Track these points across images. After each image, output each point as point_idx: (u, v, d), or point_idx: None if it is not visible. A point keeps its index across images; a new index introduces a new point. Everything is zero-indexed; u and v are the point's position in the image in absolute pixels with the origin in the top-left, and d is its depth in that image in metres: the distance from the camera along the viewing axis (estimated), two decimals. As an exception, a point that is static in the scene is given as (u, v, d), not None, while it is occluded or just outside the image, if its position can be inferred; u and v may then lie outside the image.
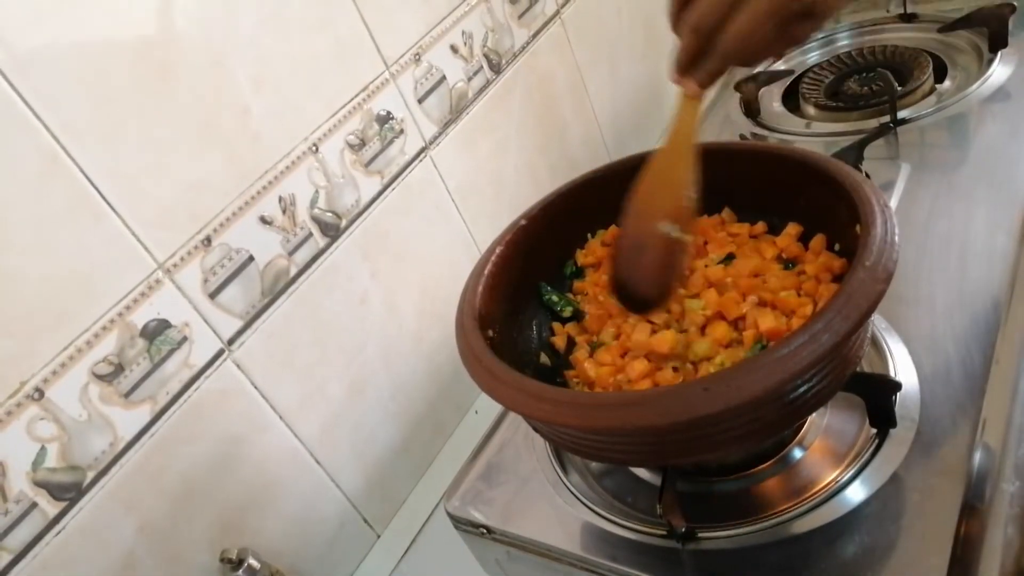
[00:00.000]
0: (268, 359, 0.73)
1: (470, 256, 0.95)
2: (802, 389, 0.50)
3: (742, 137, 1.03)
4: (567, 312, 0.69)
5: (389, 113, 0.84)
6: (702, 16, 0.49)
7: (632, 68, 1.24)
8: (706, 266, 0.65)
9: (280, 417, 0.75)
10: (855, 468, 0.58)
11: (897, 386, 0.59)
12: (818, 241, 0.62)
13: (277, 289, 0.74)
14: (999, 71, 0.93)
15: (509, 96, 0.99)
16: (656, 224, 0.57)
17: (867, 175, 0.62)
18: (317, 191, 0.77)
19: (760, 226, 0.67)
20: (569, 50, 1.09)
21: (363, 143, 0.81)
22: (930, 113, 0.92)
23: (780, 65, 1.15)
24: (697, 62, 0.51)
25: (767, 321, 0.57)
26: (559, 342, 0.67)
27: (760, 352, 0.46)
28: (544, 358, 0.67)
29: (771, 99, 1.08)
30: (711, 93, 0.54)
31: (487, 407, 0.91)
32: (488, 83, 0.96)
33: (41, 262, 0.57)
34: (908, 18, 1.11)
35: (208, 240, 0.68)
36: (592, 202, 0.70)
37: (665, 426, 0.47)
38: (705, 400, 0.45)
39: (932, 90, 0.97)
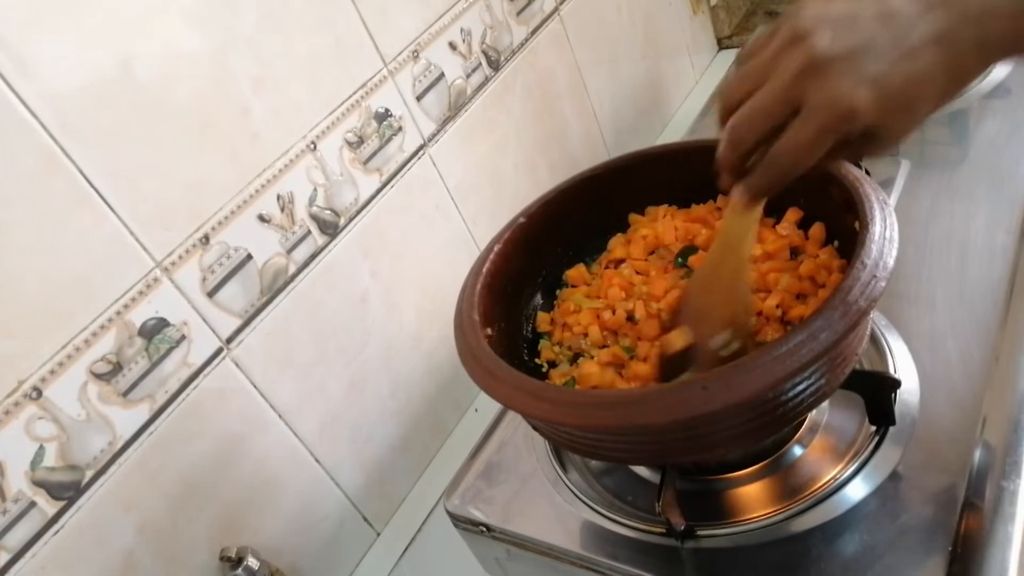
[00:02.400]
0: (267, 358, 0.73)
1: (469, 254, 0.95)
2: (801, 387, 0.50)
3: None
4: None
5: (387, 110, 0.83)
6: (746, 126, 0.45)
7: (632, 65, 1.23)
8: None
9: (279, 416, 0.75)
10: (855, 466, 0.58)
11: (897, 383, 0.59)
12: (818, 229, 0.61)
13: (276, 287, 0.74)
14: (999, 67, 0.93)
15: (508, 94, 0.99)
16: (708, 339, 0.54)
17: (867, 172, 0.61)
18: (316, 189, 0.76)
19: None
20: (568, 47, 1.09)
21: (361, 141, 0.81)
22: (930, 110, 0.92)
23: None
24: (743, 170, 0.47)
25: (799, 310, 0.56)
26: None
27: (759, 350, 0.46)
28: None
29: (771, 96, 1.08)
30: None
31: (486, 405, 0.91)
32: (487, 80, 0.96)
33: (39, 261, 0.57)
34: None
35: (206, 238, 0.68)
36: (592, 200, 0.70)
37: (664, 424, 0.47)
38: (704, 398, 0.45)
39: (932, 87, 0.96)
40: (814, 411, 0.63)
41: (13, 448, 0.57)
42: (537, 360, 0.66)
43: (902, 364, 0.64)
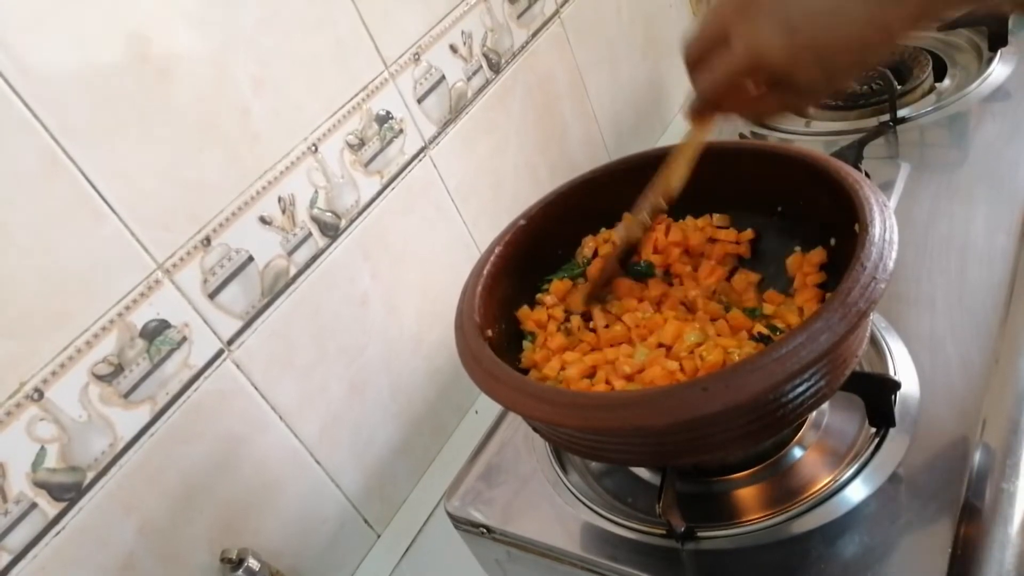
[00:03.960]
0: (268, 359, 0.73)
1: (470, 256, 0.95)
2: (801, 389, 0.50)
3: (741, 136, 1.03)
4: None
5: (388, 113, 0.83)
6: (688, 48, 0.51)
7: (632, 68, 1.24)
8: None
9: (280, 417, 0.75)
10: (855, 468, 0.58)
11: (897, 385, 0.59)
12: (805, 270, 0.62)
13: (277, 289, 0.74)
14: (999, 70, 0.93)
15: (509, 96, 0.99)
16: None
17: (867, 174, 0.62)
18: (316, 191, 0.77)
19: (748, 233, 0.67)
20: (568, 50, 1.09)
21: (362, 143, 0.81)
22: (930, 112, 0.92)
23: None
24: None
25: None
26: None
27: (759, 352, 0.46)
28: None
29: (771, 98, 1.08)
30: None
31: (487, 407, 0.91)
32: (487, 83, 0.96)
33: (40, 262, 0.57)
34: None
35: (207, 240, 0.68)
36: (592, 202, 0.71)
37: (664, 426, 0.48)
38: (704, 400, 0.45)
39: (932, 89, 0.97)
40: (814, 413, 0.63)
41: (14, 449, 0.57)
42: (519, 365, 0.65)
43: (902, 366, 0.64)
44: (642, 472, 0.66)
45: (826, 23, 0.43)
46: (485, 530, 0.67)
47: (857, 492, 0.57)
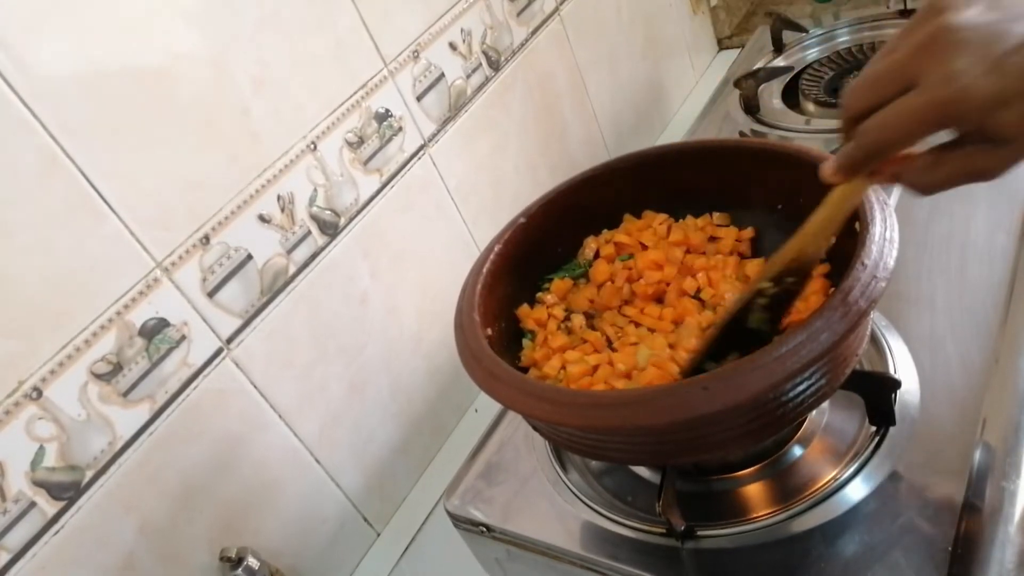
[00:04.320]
0: (267, 358, 0.73)
1: (469, 254, 0.95)
2: (801, 388, 0.50)
3: (741, 134, 1.03)
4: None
5: (388, 111, 0.83)
6: (855, 94, 0.43)
7: (632, 66, 1.23)
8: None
9: (279, 416, 0.75)
10: (855, 466, 0.58)
11: (897, 384, 0.59)
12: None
13: (276, 288, 0.74)
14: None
15: (508, 94, 0.99)
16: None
17: (867, 173, 0.62)
18: (316, 189, 0.76)
19: (749, 231, 0.67)
20: (568, 48, 1.09)
21: (362, 141, 0.81)
22: (930, 110, 0.92)
23: (780, 62, 1.15)
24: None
25: None
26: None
27: (759, 351, 0.46)
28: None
29: (771, 96, 1.08)
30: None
31: (487, 406, 0.91)
32: (487, 81, 0.96)
33: (40, 262, 0.57)
34: (908, 14, 1.11)
35: (206, 239, 0.68)
36: (592, 200, 0.70)
37: (664, 425, 0.47)
38: (704, 399, 0.45)
39: (932, 87, 0.96)
40: (814, 411, 0.63)
41: (13, 448, 0.57)
42: (519, 363, 0.65)
43: (902, 365, 0.64)
44: (642, 471, 0.66)
45: None
46: (485, 529, 0.67)
47: (857, 491, 0.57)
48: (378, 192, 0.83)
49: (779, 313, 0.54)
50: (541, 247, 0.69)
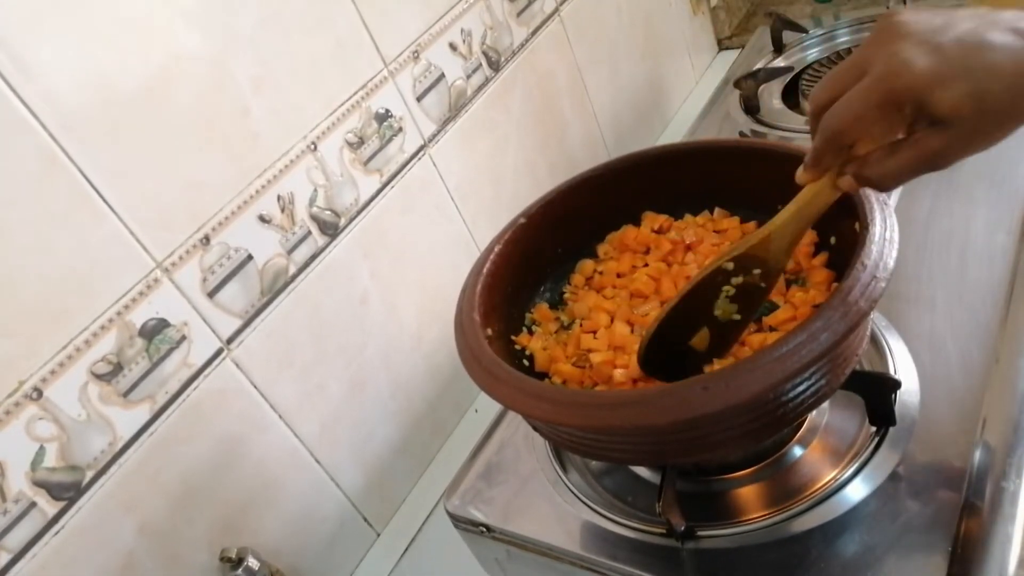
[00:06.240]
0: (267, 358, 0.73)
1: (469, 255, 0.95)
2: (801, 388, 0.50)
3: (741, 134, 1.03)
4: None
5: (388, 111, 0.83)
6: (819, 90, 0.45)
7: (632, 66, 1.23)
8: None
9: (279, 416, 0.75)
10: (855, 466, 0.58)
11: (897, 384, 0.59)
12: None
13: (276, 288, 0.74)
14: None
15: (508, 94, 0.99)
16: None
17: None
18: (316, 189, 0.76)
19: (751, 225, 0.67)
20: (568, 48, 1.09)
21: (362, 141, 0.81)
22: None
23: (780, 62, 1.15)
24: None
25: None
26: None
27: (759, 351, 0.46)
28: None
29: (771, 96, 1.08)
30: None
31: (487, 406, 0.91)
32: (487, 81, 0.96)
33: (40, 262, 0.57)
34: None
35: (207, 239, 0.68)
36: (592, 201, 0.70)
37: (665, 425, 0.47)
38: (704, 399, 0.45)
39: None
40: (814, 412, 0.63)
41: (13, 448, 0.57)
42: (517, 347, 0.65)
43: (902, 365, 0.64)
44: (642, 471, 0.66)
45: (976, 47, 0.39)
46: (485, 529, 0.67)
47: (857, 491, 0.57)
48: (378, 192, 0.83)
49: (748, 305, 0.55)
50: (541, 247, 0.69)
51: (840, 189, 0.48)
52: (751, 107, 1.06)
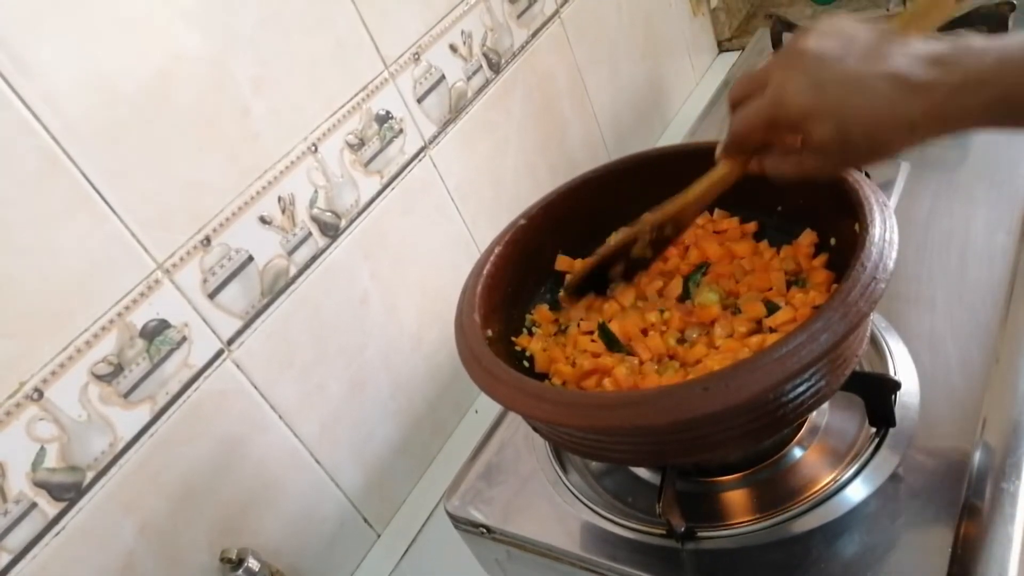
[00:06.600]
0: (268, 359, 0.73)
1: (470, 256, 0.95)
2: (801, 389, 0.50)
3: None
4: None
5: (388, 112, 0.83)
6: (732, 92, 0.53)
7: (632, 68, 1.24)
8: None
9: (280, 417, 0.75)
10: (855, 467, 0.58)
11: (897, 385, 0.59)
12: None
13: (277, 289, 0.74)
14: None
15: (508, 96, 0.99)
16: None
17: (866, 174, 0.61)
18: (316, 191, 0.77)
19: (751, 225, 0.67)
20: (569, 50, 1.09)
21: (362, 143, 0.81)
22: (930, 111, 0.92)
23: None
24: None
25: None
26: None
27: (759, 351, 0.46)
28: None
29: (771, 98, 1.08)
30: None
31: (487, 407, 0.91)
32: (487, 82, 0.96)
33: (40, 262, 0.57)
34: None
35: (207, 240, 0.68)
36: (592, 202, 0.70)
37: (665, 425, 0.48)
38: (705, 400, 0.45)
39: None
40: (814, 413, 0.63)
41: (14, 449, 0.57)
42: (517, 348, 0.66)
43: (902, 366, 0.64)
44: (642, 472, 0.66)
45: (851, 91, 0.45)
46: (485, 530, 0.67)
47: (857, 492, 0.57)
48: (379, 194, 0.83)
49: (658, 249, 0.65)
50: (541, 248, 0.69)
51: (748, 170, 0.55)
52: (751, 108, 1.05)
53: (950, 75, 0.43)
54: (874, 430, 0.60)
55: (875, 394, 0.59)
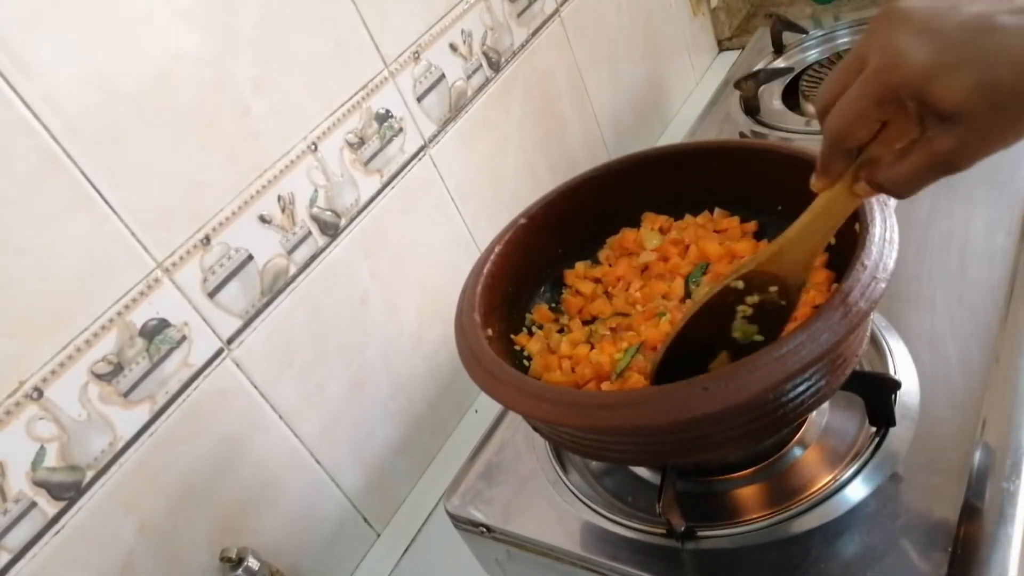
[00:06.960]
0: (268, 358, 0.73)
1: (469, 255, 0.95)
2: (801, 388, 0.50)
3: (742, 135, 1.03)
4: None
5: (388, 111, 0.83)
6: (823, 91, 0.42)
7: (632, 67, 1.23)
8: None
9: (280, 416, 0.75)
10: (855, 467, 0.58)
11: (897, 385, 0.59)
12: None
13: (276, 288, 0.74)
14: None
15: (508, 95, 0.99)
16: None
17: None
18: (316, 190, 0.76)
19: (751, 224, 0.67)
20: (569, 49, 1.09)
21: (362, 142, 0.81)
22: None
23: (780, 63, 1.15)
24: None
25: None
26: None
27: (759, 351, 0.46)
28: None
29: (771, 97, 1.08)
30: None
31: (487, 406, 0.91)
32: (487, 81, 0.96)
33: (40, 262, 0.57)
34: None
35: (207, 239, 0.68)
36: (592, 201, 0.70)
37: (665, 425, 0.47)
38: (705, 399, 0.45)
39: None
40: (814, 412, 0.63)
41: (14, 448, 0.57)
42: (517, 347, 0.65)
43: (902, 365, 0.64)
44: (642, 471, 0.66)
45: (984, 31, 0.36)
46: (485, 529, 0.67)
47: (857, 492, 0.57)
48: (379, 193, 0.83)
49: (771, 325, 0.52)
50: (541, 248, 0.69)
51: (857, 196, 0.44)
52: (751, 108, 1.06)
53: None
54: (874, 430, 0.60)
55: (875, 394, 0.59)
